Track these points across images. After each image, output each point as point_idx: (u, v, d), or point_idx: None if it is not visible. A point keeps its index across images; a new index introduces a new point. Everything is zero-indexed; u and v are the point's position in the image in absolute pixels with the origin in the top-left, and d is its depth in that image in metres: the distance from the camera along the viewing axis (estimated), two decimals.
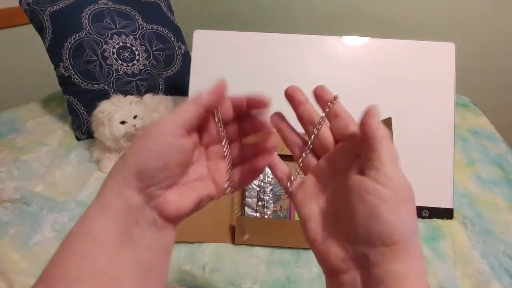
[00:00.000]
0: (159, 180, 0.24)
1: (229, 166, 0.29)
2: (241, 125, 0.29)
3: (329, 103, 0.29)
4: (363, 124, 0.25)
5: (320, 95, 0.29)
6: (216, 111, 0.28)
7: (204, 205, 0.28)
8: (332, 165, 0.29)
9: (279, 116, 0.30)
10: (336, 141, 0.29)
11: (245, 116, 0.28)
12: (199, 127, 0.28)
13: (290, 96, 0.29)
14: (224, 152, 0.29)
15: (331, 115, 0.29)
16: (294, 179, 0.30)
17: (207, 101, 0.26)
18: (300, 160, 0.30)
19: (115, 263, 0.23)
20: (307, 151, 0.30)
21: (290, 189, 0.30)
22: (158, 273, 0.25)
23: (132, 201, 0.24)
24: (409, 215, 0.23)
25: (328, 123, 0.29)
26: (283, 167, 0.31)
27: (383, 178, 0.24)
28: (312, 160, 0.30)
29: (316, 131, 0.29)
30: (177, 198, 0.26)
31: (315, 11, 1.43)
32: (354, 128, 0.28)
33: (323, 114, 0.29)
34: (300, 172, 0.30)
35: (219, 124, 0.28)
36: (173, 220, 0.26)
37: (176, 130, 0.24)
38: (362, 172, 0.25)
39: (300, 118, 0.30)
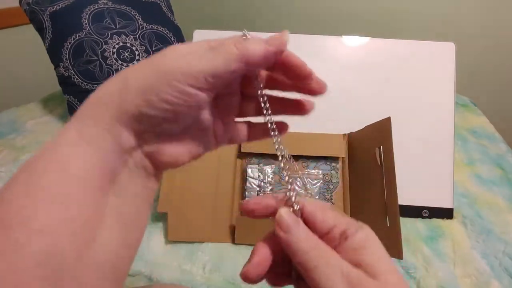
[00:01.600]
0: (161, 129, 0.21)
1: (273, 131, 0.24)
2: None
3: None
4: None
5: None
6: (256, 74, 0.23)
7: (197, 158, 0.25)
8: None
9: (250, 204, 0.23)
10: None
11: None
12: None
13: None
14: (269, 126, 0.24)
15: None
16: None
17: (254, 58, 0.20)
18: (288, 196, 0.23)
19: (94, 211, 0.18)
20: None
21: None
22: (139, 228, 0.22)
23: (124, 141, 0.20)
24: None
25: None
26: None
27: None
28: None
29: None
30: (175, 150, 0.22)
31: (315, 11, 1.43)
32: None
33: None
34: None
35: (258, 87, 0.23)
36: (163, 169, 0.23)
37: (200, 81, 0.19)
38: None
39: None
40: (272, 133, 0.24)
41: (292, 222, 0.21)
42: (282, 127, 0.26)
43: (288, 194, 0.22)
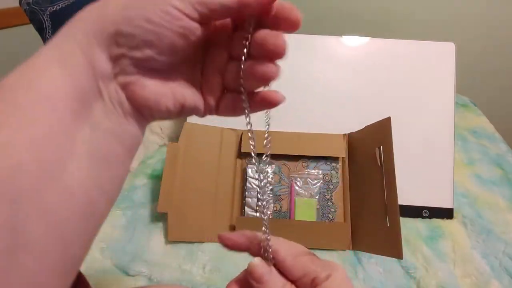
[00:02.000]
0: (141, 55, 0.19)
1: (244, 90, 0.23)
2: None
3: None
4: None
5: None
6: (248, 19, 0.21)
7: (185, 115, 0.23)
8: None
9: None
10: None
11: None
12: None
13: None
14: (240, 72, 0.22)
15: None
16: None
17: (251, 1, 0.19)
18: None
19: (65, 134, 0.17)
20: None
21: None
22: (115, 168, 0.20)
23: (99, 64, 0.18)
24: None
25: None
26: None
27: None
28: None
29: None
30: (158, 87, 0.20)
31: (315, 11, 1.43)
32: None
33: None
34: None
35: (246, 37, 0.21)
36: (144, 110, 0.20)
37: (186, 5, 0.18)
38: None
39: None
40: (243, 98, 0.23)
41: (264, 273, 0.22)
42: (274, 98, 0.23)
43: (262, 238, 0.24)
